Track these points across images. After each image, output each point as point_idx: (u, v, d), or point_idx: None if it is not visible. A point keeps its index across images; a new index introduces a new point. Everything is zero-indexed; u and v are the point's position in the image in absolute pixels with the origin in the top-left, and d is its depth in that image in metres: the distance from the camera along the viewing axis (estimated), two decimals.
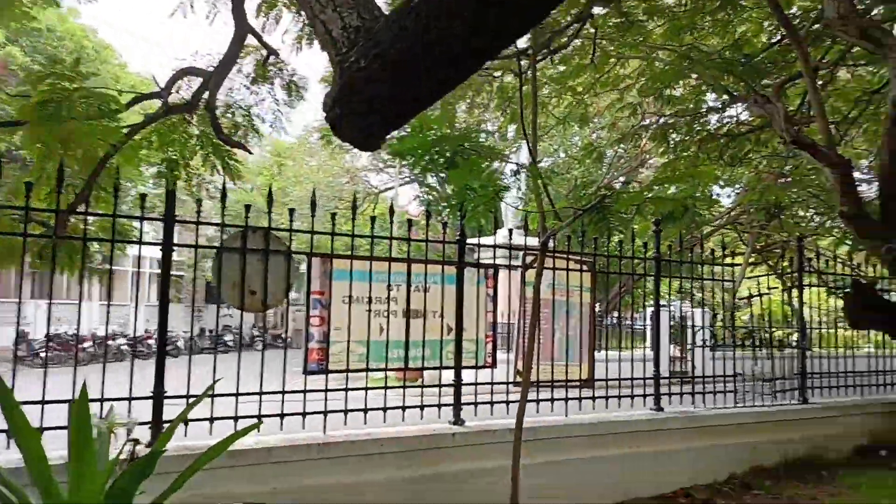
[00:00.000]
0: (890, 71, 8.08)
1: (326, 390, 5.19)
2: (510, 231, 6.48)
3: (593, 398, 6.37)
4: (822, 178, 16.48)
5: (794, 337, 7.98)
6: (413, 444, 5.25)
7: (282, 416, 5.10)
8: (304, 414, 5.16)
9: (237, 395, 4.94)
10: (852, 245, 13.95)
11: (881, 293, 8.70)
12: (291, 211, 5.32)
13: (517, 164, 4.96)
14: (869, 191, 11.75)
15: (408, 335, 5.64)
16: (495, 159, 5.02)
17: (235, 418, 4.87)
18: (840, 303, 8.35)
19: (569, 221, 4.90)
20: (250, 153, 6.20)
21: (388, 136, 2.35)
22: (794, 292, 7.95)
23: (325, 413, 5.20)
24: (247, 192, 31.93)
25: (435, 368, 5.88)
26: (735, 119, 13.10)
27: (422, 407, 5.61)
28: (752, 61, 9.37)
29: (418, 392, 5.63)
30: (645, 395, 6.68)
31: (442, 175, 21.28)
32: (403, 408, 5.53)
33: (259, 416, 4.90)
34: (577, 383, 6.33)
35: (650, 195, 4.77)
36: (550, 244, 5.67)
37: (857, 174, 8.52)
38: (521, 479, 4.76)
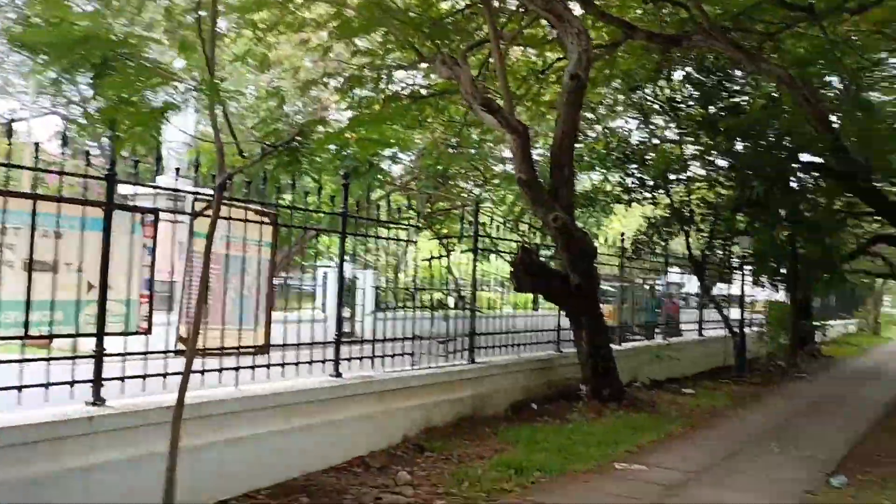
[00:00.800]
0: (568, 45, 8.70)
1: None
2: (177, 170, 5.41)
3: (268, 366, 5.67)
4: (483, 151, 17.86)
5: (465, 298, 8.20)
6: (29, 435, 3.98)
7: None
8: None
9: None
10: (518, 214, 15.39)
11: (544, 260, 9.43)
12: None
13: (189, 82, 3.96)
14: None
15: (30, 293, 4.31)
16: (164, 76, 3.97)
17: None
18: (507, 266, 8.86)
19: (255, 160, 4.10)
20: None
21: None
22: (469, 255, 8.15)
23: None
24: None
25: (69, 336, 4.63)
26: (414, 83, 13.32)
27: (47, 385, 4.35)
28: (439, 23, 9.40)
29: (44, 366, 4.36)
30: (325, 361, 6.20)
31: (92, 108, 18.26)
32: (20, 387, 4.21)
33: None
34: (252, 350, 5.56)
35: (350, 136, 4.17)
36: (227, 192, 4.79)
37: None
38: (183, 466, 3.91)
